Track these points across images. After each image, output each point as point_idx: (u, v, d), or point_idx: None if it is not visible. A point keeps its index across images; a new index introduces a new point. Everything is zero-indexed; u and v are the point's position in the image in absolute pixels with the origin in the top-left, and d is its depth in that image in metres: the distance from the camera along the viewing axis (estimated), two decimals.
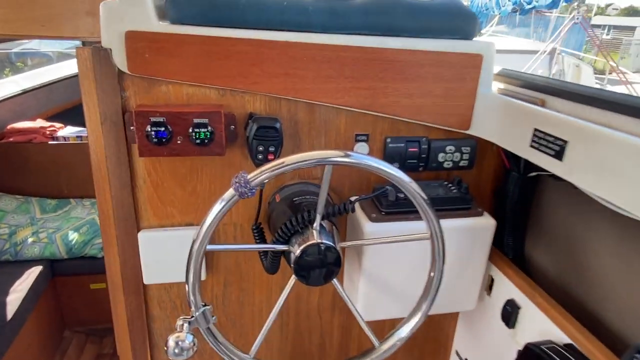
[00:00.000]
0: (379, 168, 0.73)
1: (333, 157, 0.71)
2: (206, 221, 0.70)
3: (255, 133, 0.87)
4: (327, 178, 0.75)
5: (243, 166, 0.97)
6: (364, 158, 0.72)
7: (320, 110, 0.95)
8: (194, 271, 0.73)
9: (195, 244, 0.71)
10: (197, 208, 0.98)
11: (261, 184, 0.71)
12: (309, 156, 0.70)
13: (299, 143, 0.97)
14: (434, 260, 0.83)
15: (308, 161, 0.70)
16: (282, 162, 0.70)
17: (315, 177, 1.01)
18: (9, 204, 2.58)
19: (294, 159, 0.70)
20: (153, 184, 0.94)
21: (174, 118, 0.85)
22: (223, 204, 0.70)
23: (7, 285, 2.25)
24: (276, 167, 0.69)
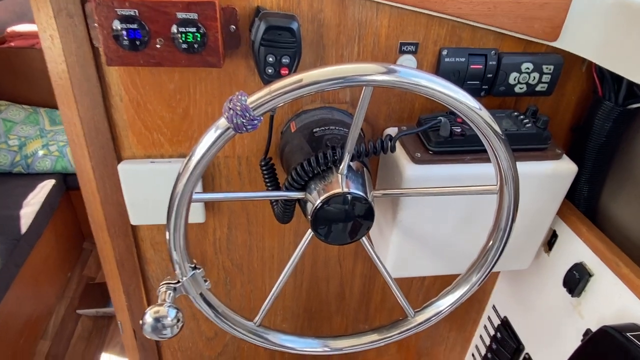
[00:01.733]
0: (442, 92, 0.49)
1: (372, 75, 0.47)
2: (192, 158, 0.50)
3: (264, 37, 0.63)
4: (364, 105, 0.52)
5: (248, 82, 0.73)
6: (419, 75, 0.48)
7: (355, 5, 0.69)
8: (176, 222, 0.55)
9: (178, 187, 0.52)
10: (192, 136, 0.77)
11: (271, 111, 0.48)
12: (338, 72, 0.47)
13: (322, 53, 0.72)
14: (497, 222, 0.62)
15: (335, 80, 0.47)
16: (298, 80, 0.47)
17: (342, 100, 0.78)
18: (17, 115, 2.44)
19: (316, 77, 0.46)
20: (133, 104, 0.73)
21: (151, 11, 0.60)
22: (216, 136, 0.49)
23: (20, 198, 2.20)
24: (289, 87, 0.46)
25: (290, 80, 0.47)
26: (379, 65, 0.48)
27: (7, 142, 2.29)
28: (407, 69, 0.49)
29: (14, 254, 1.89)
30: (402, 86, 0.48)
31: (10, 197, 2.15)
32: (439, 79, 0.49)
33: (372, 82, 0.47)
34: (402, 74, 0.48)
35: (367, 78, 0.47)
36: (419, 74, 0.49)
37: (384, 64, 0.48)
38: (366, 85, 0.49)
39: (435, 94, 0.49)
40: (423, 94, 0.49)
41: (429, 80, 0.49)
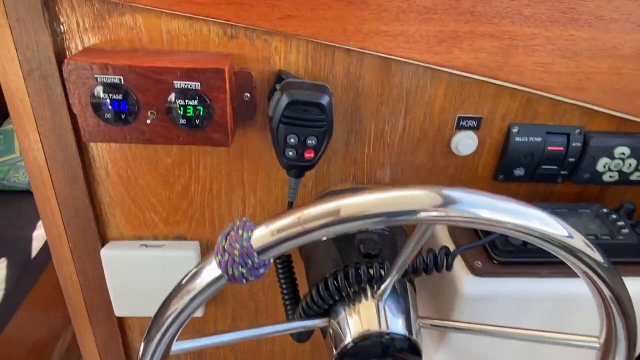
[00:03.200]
0: (532, 230, 0.33)
1: (430, 211, 0.31)
2: (165, 314, 0.34)
3: (285, 113, 0.48)
4: (419, 238, 0.36)
5: (263, 158, 0.59)
6: (498, 206, 0.32)
7: (403, 71, 0.54)
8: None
9: (148, 347, 0.36)
10: (192, 216, 0.63)
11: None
12: (380, 204, 0.31)
13: (358, 127, 0.57)
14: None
15: (384, 217, 0.31)
16: (328, 217, 0.31)
17: (380, 180, 0.62)
18: None
19: (351, 210, 0.31)
20: (122, 179, 0.59)
21: (140, 78, 0.46)
22: (202, 285, 0.33)
23: (35, 219, 2.10)
24: (313, 224, 0.31)
25: (316, 212, 0.31)
26: (436, 192, 0.32)
27: None
28: (478, 195, 0.33)
29: (22, 280, 1.81)
30: (478, 224, 0.33)
31: (25, 217, 2.08)
32: (531, 209, 0.33)
33: (439, 219, 0.32)
34: (472, 210, 0.32)
35: (429, 216, 0.31)
36: (499, 203, 0.33)
37: (443, 189, 0.32)
38: (429, 223, 0.34)
39: (521, 235, 0.33)
40: (511, 235, 0.33)
41: (514, 215, 0.33)
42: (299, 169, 0.53)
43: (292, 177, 0.54)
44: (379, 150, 0.59)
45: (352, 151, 0.59)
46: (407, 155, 0.60)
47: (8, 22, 0.47)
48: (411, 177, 0.61)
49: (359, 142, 0.58)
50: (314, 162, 0.52)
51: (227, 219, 0.63)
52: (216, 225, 0.64)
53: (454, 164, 0.60)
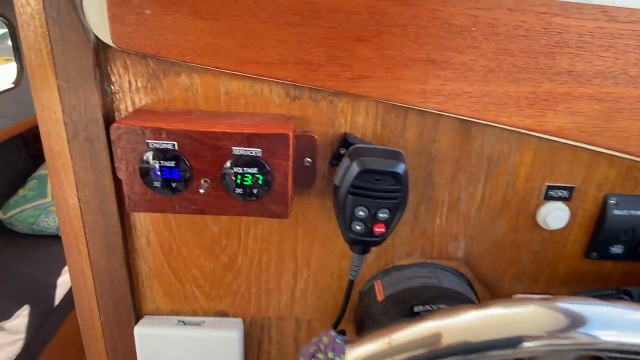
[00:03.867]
0: None
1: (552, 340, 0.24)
2: None
3: (355, 183, 0.42)
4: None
5: (321, 229, 0.52)
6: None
7: (485, 135, 0.47)
8: None
9: None
10: (236, 291, 0.56)
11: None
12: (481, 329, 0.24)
13: (429, 194, 0.50)
14: None
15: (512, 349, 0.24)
16: (431, 338, 0.24)
17: (452, 255, 0.54)
18: None
19: (452, 339, 0.24)
20: (163, 248, 0.53)
21: (196, 144, 0.42)
22: None
23: (61, 265, 2.10)
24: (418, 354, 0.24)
25: (419, 334, 0.24)
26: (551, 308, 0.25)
27: None
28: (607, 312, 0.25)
29: (43, 329, 1.76)
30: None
31: (52, 263, 2.07)
32: None
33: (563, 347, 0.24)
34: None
35: (556, 344, 0.24)
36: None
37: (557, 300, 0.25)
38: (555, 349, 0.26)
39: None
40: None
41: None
42: (366, 244, 0.46)
43: (356, 253, 0.47)
44: (452, 221, 0.52)
45: (422, 222, 0.52)
46: (485, 227, 0.52)
47: (57, 83, 0.44)
48: (488, 252, 0.53)
49: (430, 212, 0.51)
50: (384, 237, 0.45)
51: (275, 293, 0.56)
52: (262, 301, 0.57)
53: (539, 238, 0.52)
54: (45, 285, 1.93)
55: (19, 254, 2.12)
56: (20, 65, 2.24)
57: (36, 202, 2.22)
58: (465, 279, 0.55)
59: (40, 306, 1.83)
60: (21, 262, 2.08)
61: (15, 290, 1.90)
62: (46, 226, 2.20)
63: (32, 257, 2.10)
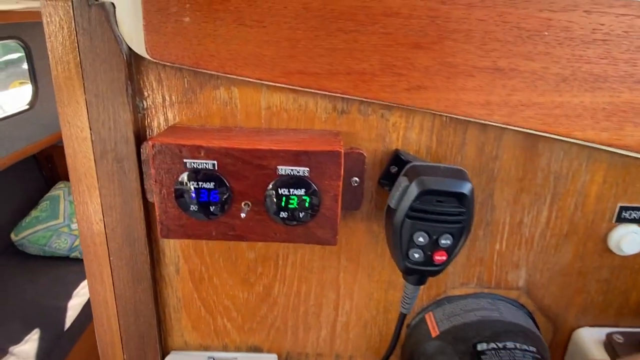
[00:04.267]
0: None
1: None
2: None
3: (415, 205, 0.37)
4: None
5: (366, 256, 0.47)
6: None
7: (553, 151, 0.43)
8: None
9: None
10: (271, 325, 0.51)
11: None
12: None
13: (489, 218, 0.46)
14: None
15: None
16: None
17: (511, 284, 0.49)
18: None
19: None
20: (194, 277, 0.49)
21: (239, 163, 0.38)
22: None
23: (71, 287, 2.06)
24: None
25: None
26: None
27: (69, 226, 2.22)
28: None
29: (53, 354, 1.72)
30: None
31: (62, 285, 2.04)
32: None
33: None
34: None
35: None
36: None
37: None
38: None
39: None
40: None
41: None
42: (423, 274, 0.42)
43: (410, 284, 0.43)
44: (513, 247, 0.47)
45: (479, 248, 0.47)
46: (550, 253, 0.47)
47: (85, 98, 0.40)
48: (552, 281, 0.48)
49: (489, 237, 0.46)
50: (444, 266, 0.40)
51: (314, 327, 0.51)
52: (300, 335, 0.52)
53: (609, 264, 0.47)
54: (55, 309, 1.90)
55: (29, 276, 2.10)
56: (36, 87, 2.26)
57: (48, 223, 2.20)
58: (527, 311, 0.50)
59: (50, 330, 1.80)
60: (32, 284, 2.06)
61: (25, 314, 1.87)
62: (57, 248, 2.17)
63: (42, 280, 2.08)
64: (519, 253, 0.47)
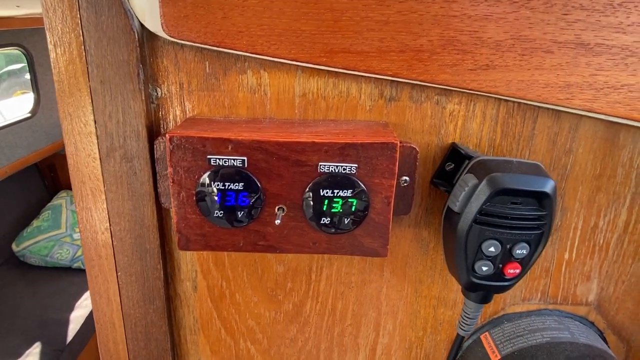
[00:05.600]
0: None
1: None
2: None
3: (485, 208, 0.31)
4: None
5: (414, 267, 0.41)
6: None
7: (636, 143, 0.36)
8: None
9: None
10: (302, 347, 0.44)
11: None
12: None
13: (559, 223, 0.39)
14: None
15: None
16: None
17: (578, 299, 0.42)
18: None
19: None
20: (212, 294, 0.42)
21: (273, 159, 0.31)
22: None
23: (73, 300, 2.00)
24: None
25: None
26: None
27: (72, 236, 2.17)
28: None
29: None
30: None
31: (64, 297, 1.99)
32: None
33: None
34: None
35: None
36: None
37: None
38: None
39: None
40: None
41: None
42: (489, 290, 0.35)
43: (472, 302, 0.36)
44: (585, 255, 0.40)
45: (545, 257, 0.40)
46: (627, 263, 0.40)
47: (89, 85, 0.34)
48: (628, 295, 0.41)
49: (557, 244, 0.40)
50: (515, 281, 0.34)
51: (351, 350, 0.45)
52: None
53: None
54: (57, 322, 1.85)
55: (30, 288, 2.05)
56: (37, 95, 2.21)
57: (50, 233, 2.15)
58: (597, 330, 0.43)
59: (52, 344, 1.75)
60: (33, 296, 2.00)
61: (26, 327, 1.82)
62: (59, 258, 2.12)
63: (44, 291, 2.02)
64: (590, 262, 0.40)
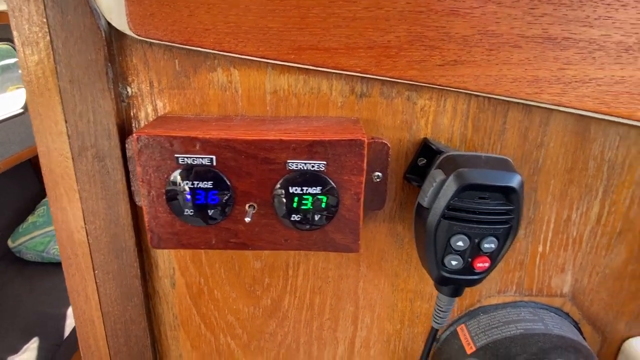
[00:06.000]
0: None
1: None
2: None
3: (453, 203, 0.31)
4: None
5: (389, 262, 0.41)
6: None
7: (607, 136, 0.37)
8: None
9: None
10: (282, 341, 0.45)
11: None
12: None
13: (532, 217, 0.39)
14: None
15: None
16: None
17: (553, 291, 0.43)
18: None
19: None
20: (191, 290, 0.43)
21: (241, 158, 0.31)
22: None
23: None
24: None
25: None
26: None
27: None
28: None
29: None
30: None
31: (61, 292, 1.99)
32: None
33: None
34: None
35: None
36: None
37: None
38: None
39: None
40: None
41: None
42: (460, 284, 0.35)
43: (445, 295, 0.36)
44: (559, 248, 0.41)
45: (520, 250, 0.41)
46: (600, 255, 0.41)
47: (58, 85, 0.34)
48: (602, 286, 0.42)
49: (531, 237, 0.40)
50: (485, 275, 0.34)
51: (330, 344, 0.45)
52: (314, 354, 0.46)
53: None
54: (54, 317, 1.86)
55: (27, 283, 2.05)
56: None
57: (45, 228, 2.15)
58: (572, 321, 0.43)
59: (49, 339, 1.76)
60: (30, 292, 2.01)
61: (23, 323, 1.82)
62: (56, 253, 2.12)
63: (40, 287, 2.03)
64: (564, 255, 0.41)
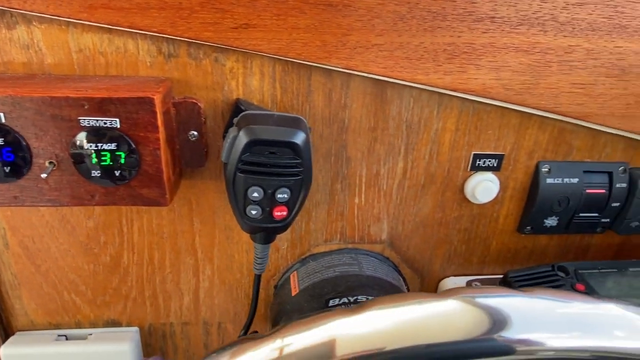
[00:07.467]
0: None
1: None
2: None
3: (244, 157, 0.34)
4: None
5: (221, 214, 0.44)
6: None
7: (402, 98, 0.41)
8: None
9: None
10: (126, 295, 0.47)
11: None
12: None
13: (344, 171, 0.44)
14: None
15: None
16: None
17: (374, 238, 0.48)
18: None
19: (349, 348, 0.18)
20: (26, 250, 0.43)
21: (31, 115, 0.32)
22: None
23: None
24: None
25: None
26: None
27: None
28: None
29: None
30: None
31: None
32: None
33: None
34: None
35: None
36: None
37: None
38: None
39: None
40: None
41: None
42: (267, 232, 0.39)
43: (258, 243, 0.40)
44: (372, 200, 0.45)
45: (339, 202, 0.45)
46: (409, 205, 0.46)
47: None
48: (414, 232, 0.48)
49: (347, 191, 0.45)
50: (287, 222, 0.38)
51: (175, 295, 0.48)
52: (160, 305, 0.48)
53: (468, 214, 0.47)
54: None
55: None
56: None
57: None
58: (392, 264, 0.49)
59: None
60: None
61: None
62: None
63: None
64: (379, 206, 0.46)
